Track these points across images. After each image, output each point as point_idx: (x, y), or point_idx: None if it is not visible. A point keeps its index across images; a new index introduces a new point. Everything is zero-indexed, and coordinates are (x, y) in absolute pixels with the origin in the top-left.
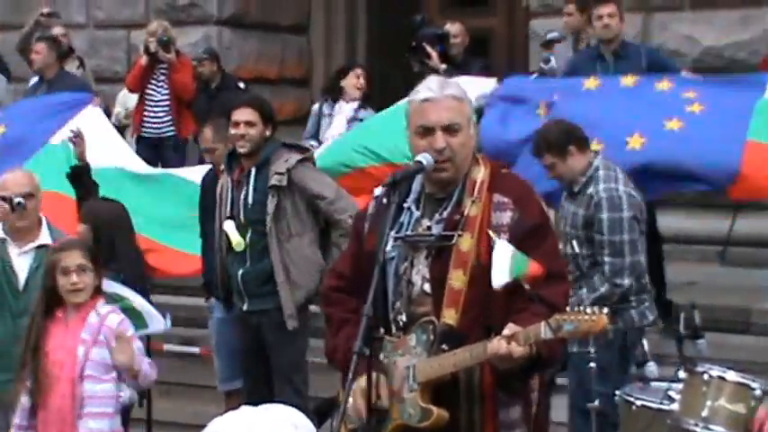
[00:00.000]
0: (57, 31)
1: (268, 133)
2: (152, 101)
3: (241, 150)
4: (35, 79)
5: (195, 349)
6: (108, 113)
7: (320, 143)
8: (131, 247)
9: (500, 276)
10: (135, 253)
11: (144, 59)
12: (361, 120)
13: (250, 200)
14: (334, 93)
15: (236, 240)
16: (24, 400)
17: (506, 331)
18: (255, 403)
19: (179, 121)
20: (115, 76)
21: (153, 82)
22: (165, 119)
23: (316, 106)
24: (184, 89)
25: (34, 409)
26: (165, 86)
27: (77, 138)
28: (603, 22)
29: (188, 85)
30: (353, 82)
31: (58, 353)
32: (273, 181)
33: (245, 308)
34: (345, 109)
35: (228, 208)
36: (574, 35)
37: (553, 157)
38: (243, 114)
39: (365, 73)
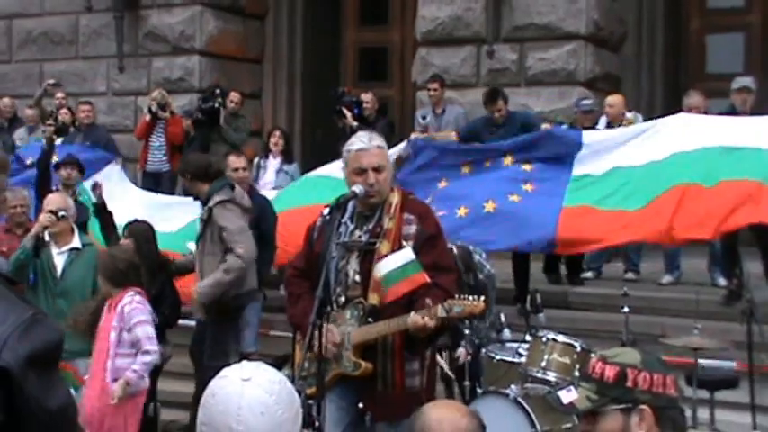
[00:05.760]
0: (59, 95)
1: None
2: (153, 146)
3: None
4: (72, 129)
5: None
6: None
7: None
8: (156, 252)
9: (384, 267)
10: (159, 258)
11: (148, 117)
12: (287, 172)
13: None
14: (266, 150)
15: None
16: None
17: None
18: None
19: (172, 160)
20: (126, 129)
21: (154, 133)
22: (163, 158)
23: (256, 160)
24: (176, 138)
25: None
26: (163, 136)
27: (97, 188)
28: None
29: (179, 135)
30: (274, 141)
31: (102, 332)
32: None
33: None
34: (274, 163)
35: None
36: (434, 105)
37: None
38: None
39: (283, 134)
